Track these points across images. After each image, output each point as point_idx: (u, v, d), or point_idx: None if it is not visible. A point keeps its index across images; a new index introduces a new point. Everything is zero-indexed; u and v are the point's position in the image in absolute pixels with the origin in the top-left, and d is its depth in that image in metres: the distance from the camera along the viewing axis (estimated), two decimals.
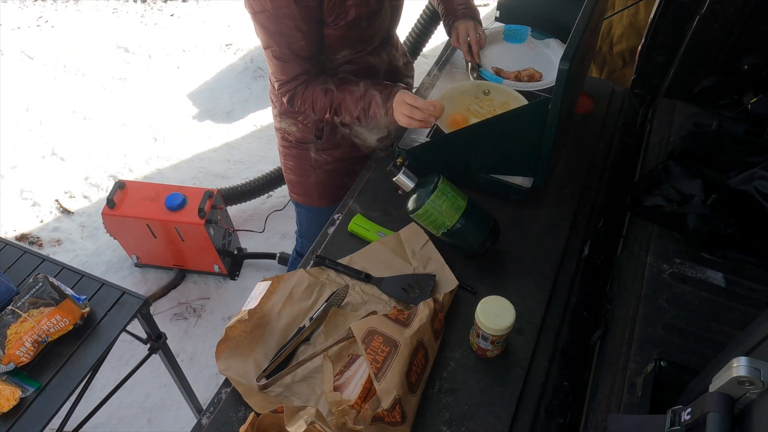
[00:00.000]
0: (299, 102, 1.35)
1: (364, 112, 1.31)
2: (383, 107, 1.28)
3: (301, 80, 1.32)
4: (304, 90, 1.33)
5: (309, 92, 1.33)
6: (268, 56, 1.31)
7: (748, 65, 1.43)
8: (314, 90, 1.33)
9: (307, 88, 1.33)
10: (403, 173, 1.13)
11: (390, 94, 1.28)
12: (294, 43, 1.25)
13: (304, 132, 1.53)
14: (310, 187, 1.65)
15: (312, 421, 0.79)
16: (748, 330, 0.69)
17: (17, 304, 1.29)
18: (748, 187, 1.08)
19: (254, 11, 1.24)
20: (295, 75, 1.31)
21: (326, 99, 1.32)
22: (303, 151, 1.58)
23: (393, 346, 0.92)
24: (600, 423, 0.92)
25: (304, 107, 1.36)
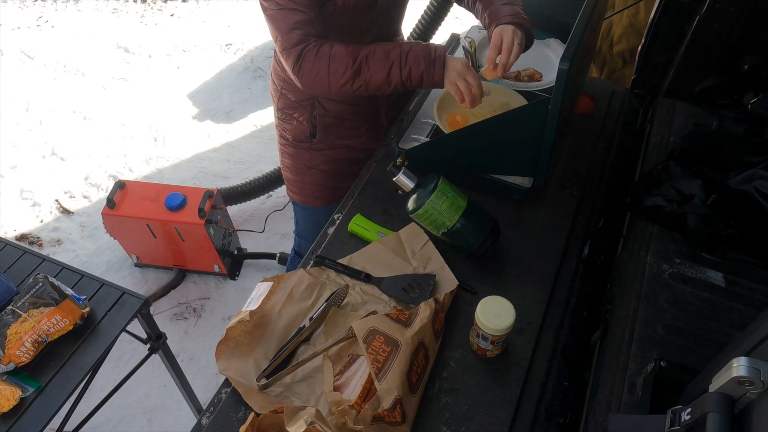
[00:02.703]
0: (311, 61, 1.19)
1: (400, 63, 1.16)
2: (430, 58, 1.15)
3: (306, 30, 1.18)
4: (319, 46, 1.18)
5: (326, 47, 1.18)
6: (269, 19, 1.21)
7: (748, 65, 1.43)
8: (332, 44, 1.18)
9: (322, 45, 1.18)
10: (403, 173, 1.13)
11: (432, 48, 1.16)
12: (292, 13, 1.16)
13: (300, 129, 1.51)
14: (307, 186, 1.64)
15: (312, 421, 0.79)
16: (748, 330, 0.69)
17: (17, 304, 1.29)
18: (748, 187, 1.08)
19: None
20: (296, 23, 1.17)
21: (348, 51, 1.17)
22: (299, 150, 1.57)
23: (394, 346, 0.92)
24: (600, 423, 0.92)
25: (318, 68, 1.19)
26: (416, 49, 1.16)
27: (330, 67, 1.18)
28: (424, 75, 1.17)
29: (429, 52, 1.16)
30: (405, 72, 1.17)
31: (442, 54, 1.17)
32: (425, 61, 1.16)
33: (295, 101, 1.49)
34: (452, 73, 1.16)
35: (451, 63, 1.16)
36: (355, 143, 1.54)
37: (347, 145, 1.54)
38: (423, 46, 1.17)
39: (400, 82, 1.18)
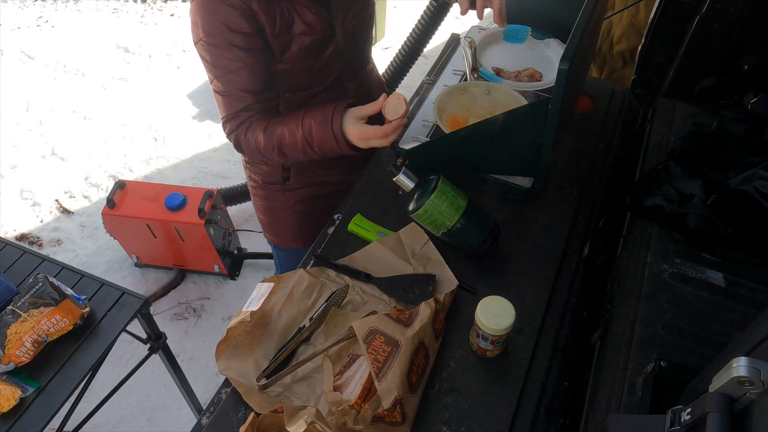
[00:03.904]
0: (245, 146, 1.21)
1: (309, 145, 1.17)
2: (327, 131, 1.14)
3: (243, 118, 1.18)
4: (246, 130, 1.19)
5: (251, 133, 1.19)
6: (212, 89, 1.20)
7: (748, 65, 1.43)
8: (255, 130, 1.18)
9: (249, 128, 1.19)
10: (403, 173, 1.13)
11: (328, 114, 1.14)
12: (233, 74, 1.14)
13: (271, 174, 1.45)
14: (283, 228, 1.56)
15: (312, 421, 0.79)
16: (748, 330, 0.69)
17: (17, 304, 1.29)
18: (748, 187, 1.08)
19: (193, 41, 1.14)
20: (237, 111, 1.18)
21: (266, 138, 1.18)
22: (271, 192, 1.49)
23: (394, 346, 0.92)
24: (600, 423, 0.92)
25: (250, 151, 1.22)
26: (318, 137, 1.16)
27: (261, 151, 1.21)
28: (333, 148, 1.18)
29: (328, 127, 1.15)
30: (317, 148, 1.18)
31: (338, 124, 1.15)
32: (327, 139, 1.16)
33: None
34: (358, 141, 1.15)
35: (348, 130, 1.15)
36: (333, 179, 1.48)
37: (324, 182, 1.48)
38: (322, 134, 1.15)
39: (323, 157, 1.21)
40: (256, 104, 1.18)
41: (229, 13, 1.09)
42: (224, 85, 1.16)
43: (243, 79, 1.15)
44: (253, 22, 1.11)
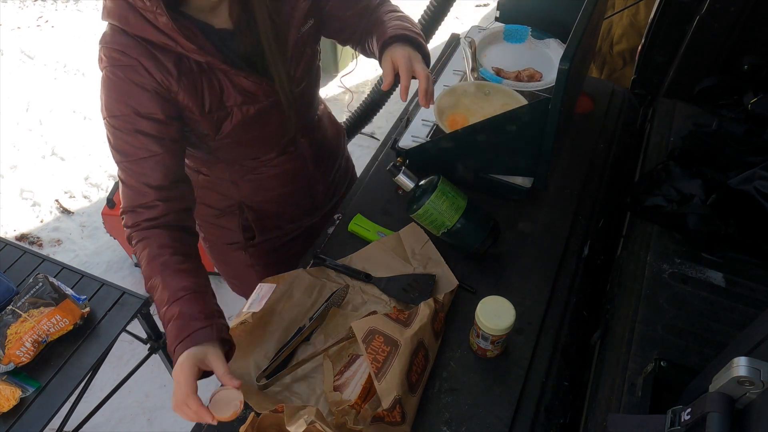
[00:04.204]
0: (134, 249, 1.00)
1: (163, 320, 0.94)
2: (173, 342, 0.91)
3: (142, 217, 0.98)
4: (141, 240, 0.98)
5: (139, 246, 0.98)
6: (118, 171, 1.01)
7: (748, 65, 1.43)
8: (149, 245, 0.97)
9: (141, 240, 0.97)
10: (403, 173, 1.13)
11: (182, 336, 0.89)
12: (136, 162, 0.96)
13: (230, 235, 1.33)
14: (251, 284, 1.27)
15: (312, 420, 0.79)
16: (748, 330, 0.69)
17: (17, 304, 1.29)
18: (748, 187, 1.08)
19: (102, 116, 0.99)
20: (135, 206, 0.98)
21: (148, 268, 0.96)
22: (233, 251, 1.37)
23: (394, 345, 0.92)
24: (600, 423, 0.92)
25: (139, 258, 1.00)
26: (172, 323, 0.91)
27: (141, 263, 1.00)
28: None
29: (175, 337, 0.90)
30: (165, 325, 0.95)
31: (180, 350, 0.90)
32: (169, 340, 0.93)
33: (217, 210, 1.31)
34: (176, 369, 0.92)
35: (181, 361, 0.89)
36: (300, 222, 1.40)
37: (291, 229, 1.39)
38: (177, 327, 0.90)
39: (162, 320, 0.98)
40: (158, 203, 0.97)
41: (138, 95, 0.94)
42: (125, 175, 0.98)
43: (147, 171, 0.97)
44: (169, 107, 0.97)
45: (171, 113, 0.99)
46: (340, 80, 3.58)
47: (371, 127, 2.98)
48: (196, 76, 0.99)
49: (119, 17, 0.93)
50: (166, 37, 0.93)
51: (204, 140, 1.09)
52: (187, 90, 0.98)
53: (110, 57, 0.95)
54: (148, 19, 0.91)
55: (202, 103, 1.01)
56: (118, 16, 0.93)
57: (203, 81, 1.00)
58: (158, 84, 0.96)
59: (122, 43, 0.94)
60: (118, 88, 0.95)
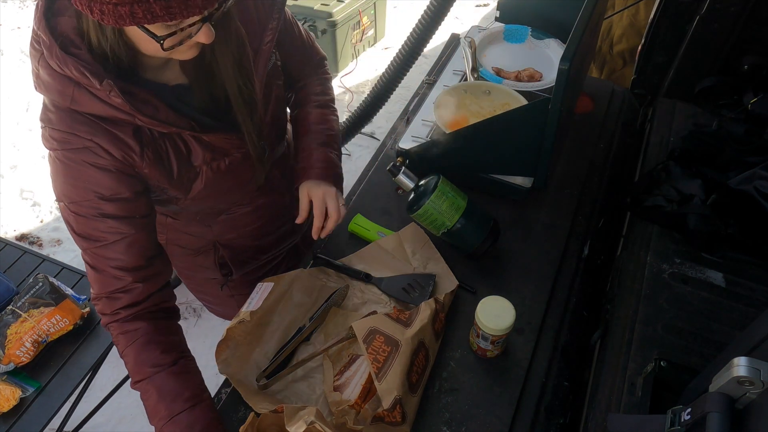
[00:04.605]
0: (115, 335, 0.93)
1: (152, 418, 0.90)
2: None
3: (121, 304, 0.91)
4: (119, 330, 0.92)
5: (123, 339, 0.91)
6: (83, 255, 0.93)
7: (748, 65, 1.43)
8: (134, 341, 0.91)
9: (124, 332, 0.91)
10: (403, 173, 1.13)
11: None
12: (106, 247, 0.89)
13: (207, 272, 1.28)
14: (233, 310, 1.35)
15: (312, 421, 0.79)
16: (748, 330, 0.69)
17: (17, 304, 1.29)
18: (748, 187, 1.08)
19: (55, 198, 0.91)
20: (111, 291, 0.91)
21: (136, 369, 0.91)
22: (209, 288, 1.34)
23: (394, 345, 0.92)
24: (600, 423, 0.92)
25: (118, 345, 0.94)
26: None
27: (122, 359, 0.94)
28: None
29: None
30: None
31: None
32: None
33: (190, 249, 1.25)
34: None
35: None
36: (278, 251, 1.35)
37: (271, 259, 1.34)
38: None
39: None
40: (136, 284, 0.91)
41: (99, 179, 0.86)
42: (95, 260, 0.90)
43: (120, 255, 0.89)
44: (134, 183, 0.90)
45: (137, 188, 0.91)
46: (340, 80, 3.58)
47: (371, 127, 2.98)
48: (159, 143, 0.90)
49: (60, 95, 0.81)
50: (121, 112, 0.83)
51: (173, 201, 1.02)
52: (151, 161, 0.89)
53: (60, 140, 0.84)
54: (98, 96, 0.81)
55: (169, 170, 0.93)
56: (59, 93, 0.81)
57: (167, 146, 0.91)
58: (120, 162, 0.87)
59: (70, 125, 0.83)
60: (76, 174, 0.85)
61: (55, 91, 0.81)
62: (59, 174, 0.87)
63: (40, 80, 0.82)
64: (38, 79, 0.82)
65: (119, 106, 0.82)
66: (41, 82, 0.82)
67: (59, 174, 0.87)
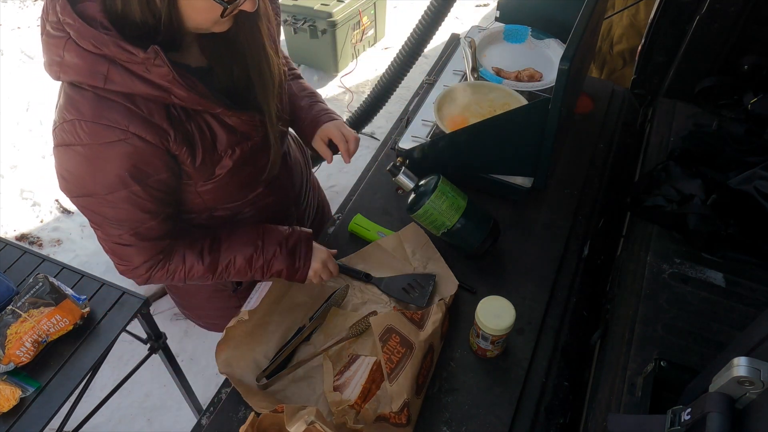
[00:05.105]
0: (161, 280, 1.03)
1: (263, 271, 1.05)
2: (293, 267, 1.05)
3: (156, 260, 0.99)
4: (164, 266, 1.00)
5: (175, 265, 1.01)
6: (100, 238, 0.97)
7: (748, 65, 1.43)
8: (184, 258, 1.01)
9: (170, 262, 1.00)
10: (403, 173, 1.13)
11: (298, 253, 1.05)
12: (141, 226, 0.94)
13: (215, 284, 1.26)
14: None
15: (312, 421, 0.79)
16: (748, 330, 0.69)
17: (17, 304, 1.29)
18: (748, 187, 1.08)
19: (72, 195, 0.91)
20: (147, 259, 0.98)
21: (206, 270, 1.02)
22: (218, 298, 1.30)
23: (409, 348, 0.93)
24: (600, 423, 0.92)
25: (171, 281, 1.04)
26: (279, 260, 1.05)
27: (187, 280, 1.04)
28: (285, 276, 1.08)
29: (293, 261, 1.06)
30: (267, 276, 1.07)
31: (306, 264, 1.07)
32: (288, 270, 1.06)
33: None
34: (312, 275, 1.08)
35: (314, 265, 1.08)
36: None
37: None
38: (287, 254, 1.05)
39: (262, 278, 1.09)
40: (169, 244, 1.00)
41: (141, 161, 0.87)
42: (128, 240, 0.95)
43: (154, 229, 0.96)
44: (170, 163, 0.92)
45: (173, 169, 0.94)
46: (340, 80, 3.58)
47: (371, 127, 2.98)
48: (186, 125, 0.91)
49: (92, 75, 0.81)
50: (156, 88, 0.84)
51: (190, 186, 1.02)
52: (182, 143, 0.90)
53: (91, 133, 0.83)
54: (135, 72, 0.82)
55: (196, 153, 0.94)
56: (90, 74, 0.81)
57: (194, 129, 0.92)
58: (156, 147, 0.88)
59: (102, 114, 0.82)
60: (111, 163, 0.85)
61: (86, 73, 0.81)
62: (88, 167, 0.86)
63: (65, 66, 0.81)
64: (62, 66, 0.82)
65: (159, 78, 0.83)
66: (67, 67, 0.81)
67: (88, 167, 0.86)
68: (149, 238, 0.96)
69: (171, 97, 0.86)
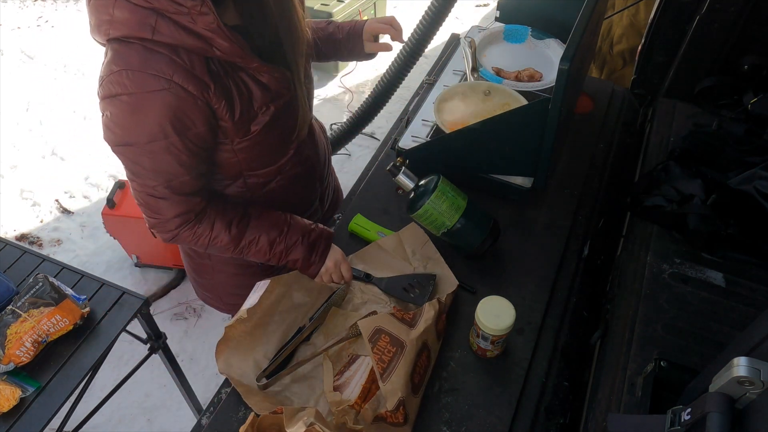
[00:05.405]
0: (187, 241, 1.08)
1: (280, 257, 1.11)
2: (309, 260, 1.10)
3: (184, 218, 1.04)
4: (193, 228, 1.05)
5: (203, 230, 1.06)
6: (135, 189, 1.02)
7: (748, 65, 1.43)
8: (212, 227, 1.06)
9: (199, 225, 1.05)
10: (403, 173, 1.13)
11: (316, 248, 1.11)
12: (175, 180, 0.98)
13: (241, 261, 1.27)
14: None
15: (312, 422, 0.79)
16: (748, 330, 0.69)
17: (17, 304, 1.29)
18: (748, 187, 1.08)
19: (115, 144, 0.95)
20: (177, 214, 1.03)
21: (229, 242, 1.08)
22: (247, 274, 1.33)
23: (399, 346, 0.92)
24: (600, 423, 0.92)
25: (192, 246, 1.10)
26: (299, 249, 1.10)
27: (209, 247, 1.09)
28: (300, 268, 1.12)
29: (311, 254, 1.11)
30: (283, 261, 1.12)
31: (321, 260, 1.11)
32: (303, 261, 1.11)
33: None
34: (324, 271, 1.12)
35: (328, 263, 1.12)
36: None
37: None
38: (307, 246, 1.10)
39: (277, 264, 1.13)
40: (200, 203, 1.05)
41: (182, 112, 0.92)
42: (162, 192, 1.00)
43: (187, 184, 1.00)
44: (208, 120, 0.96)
45: (211, 124, 0.97)
46: (340, 80, 3.58)
47: (371, 127, 2.98)
48: (224, 80, 0.95)
49: (141, 27, 0.86)
50: (201, 40, 0.88)
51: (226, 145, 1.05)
52: (221, 97, 0.95)
53: (138, 83, 0.88)
54: (181, 24, 0.87)
55: (234, 109, 0.98)
56: (139, 26, 0.86)
57: (231, 84, 0.97)
58: (197, 99, 0.92)
59: (151, 65, 0.87)
60: (154, 112, 0.90)
61: (136, 26, 0.86)
62: (132, 116, 0.91)
63: (114, 23, 0.87)
64: (112, 23, 0.87)
65: (204, 27, 0.87)
66: (117, 23, 0.87)
67: (132, 116, 0.91)
68: (182, 192, 1.01)
69: (213, 49, 0.90)
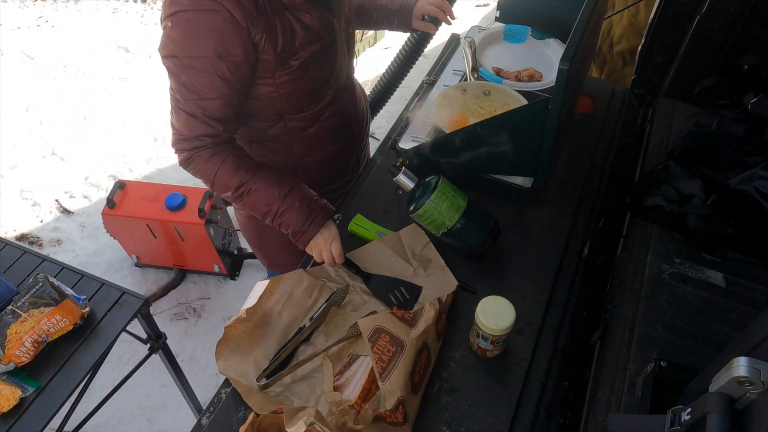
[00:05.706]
0: (198, 167, 1.13)
1: (275, 215, 1.13)
2: (302, 225, 1.12)
3: (205, 142, 1.10)
4: (208, 156, 1.11)
5: (215, 161, 1.11)
6: (172, 101, 1.09)
7: (748, 65, 1.43)
8: (224, 160, 1.11)
9: (213, 155, 1.11)
10: (403, 173, 1.13)
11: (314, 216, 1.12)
12: (206, 101, 1.05)
13: None
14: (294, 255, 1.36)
15: (312, 422, 0.79)
16: (748, 330, 0.69)
17: (17, 304, 1.29)
18: (748, 187, 1.08)
19: (164, 55, 1.03)
20: (200, 134, 1.09)
21: (233, 178, 1.11)
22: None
23: (399, 346, 0.92)
24: (600, 423, 0.92)
25: (200, 175, 1.14)
26: (295, 212, 1.12)
27: (214, 181, 1.13)
28: (291, 233, 1.15)
29: (304, 221, 1.12)
30: (278, 221, 1.14)
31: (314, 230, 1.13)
32: (295, 227, 1.13)
33: None
34: (315, 243, 1.14)
35: (319, 235, 1.13)
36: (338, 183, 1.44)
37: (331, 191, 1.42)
38: (305, 211, 1.12)
39: (271, 222, 1.15)
40: (223, 133, 1.11)
41: (221, 39, 0.99)
42: (192, 108, 1.06)
43: (216, 109, 1.06)
44: (248, 50, 1.02)
45: (249, 56, 1.03)
46: None
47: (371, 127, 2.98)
48: (270, 16, 1.02)
49: None
50: None
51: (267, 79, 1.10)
52: (264, 30, 1.01)
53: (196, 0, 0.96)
54: None
55: (276, 45, 1.04)
56: None
57: (276, 21, 1.03)
58: (241, 26, 0.99)
59: None
60: (200, 31, 0.98)
61: None
62: (183, 31, 0.99)
63: None
64: None
65: None
66: None
67: (183, 31, 0.99)
68: (210, 115, 1.06)
69: None
